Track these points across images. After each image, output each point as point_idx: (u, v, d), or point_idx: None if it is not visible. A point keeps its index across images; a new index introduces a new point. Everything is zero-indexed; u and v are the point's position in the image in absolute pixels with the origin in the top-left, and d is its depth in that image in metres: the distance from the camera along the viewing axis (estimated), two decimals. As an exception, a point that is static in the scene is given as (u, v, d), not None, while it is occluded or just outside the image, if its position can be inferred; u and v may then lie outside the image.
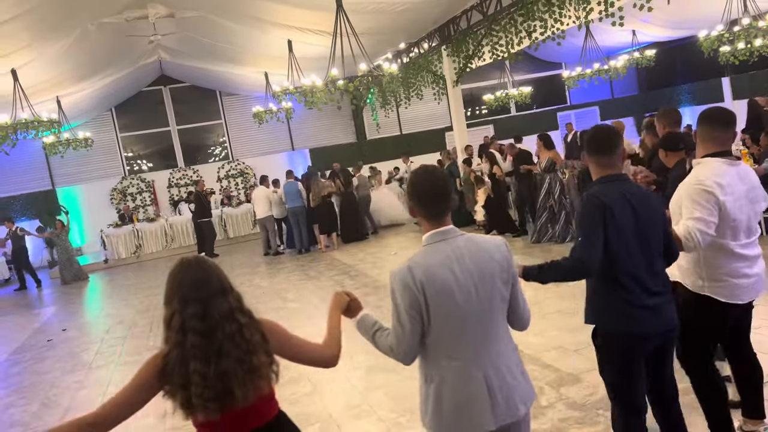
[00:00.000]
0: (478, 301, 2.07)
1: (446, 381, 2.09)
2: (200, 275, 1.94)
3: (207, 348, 1.87)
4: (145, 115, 17.95)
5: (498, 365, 2.12)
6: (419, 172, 2.21)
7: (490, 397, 2.07)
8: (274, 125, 16.64)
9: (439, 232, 2.13)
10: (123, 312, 9.33)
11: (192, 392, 1.85)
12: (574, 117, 20.16)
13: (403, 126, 19.88)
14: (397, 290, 2.06)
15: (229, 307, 1.93)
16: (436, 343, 2.08)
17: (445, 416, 2.08)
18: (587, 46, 14.51)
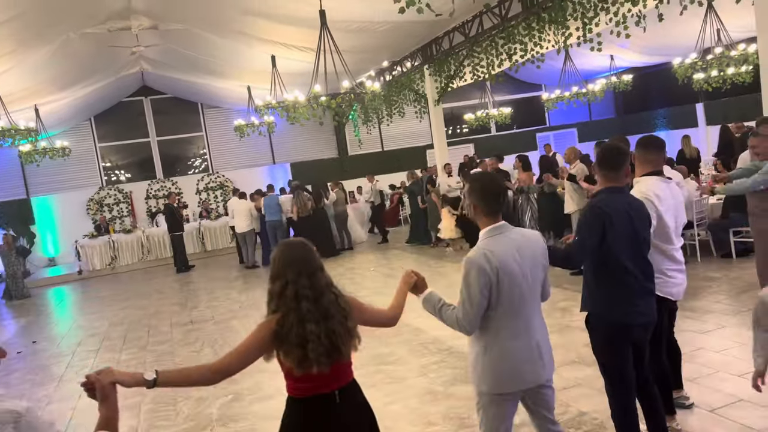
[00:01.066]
0: (531, 283, 2.57)
1: (505, 348, 2.55)
2: (306, 253, 2.35)
3: (317, 312, 2.25)
4: (124, 125, 17.81)
5: (542, 333, 2.65)
6: (484, 175, 2.78)
7: (540, 359, 2.60)
8: (256, 139, 16.64)
9: (497, 226, 2.60)
10: (96, 324, 9.19)
11: (309, 348, 2.19)
12: (553, 138, 20.47)
13: (384, 143, 19.99)
14: (473, 272, 2.49)
15: (327, 281, 2.34)
16: (498, 317, 2.54)
17: (504, 375, 2.55)
18: (566, 69, 14.81)
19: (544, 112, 21.27)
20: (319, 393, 2.30)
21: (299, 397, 2.33)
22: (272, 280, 2.32)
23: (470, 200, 2.63)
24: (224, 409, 5.06)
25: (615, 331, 3.03)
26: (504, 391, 2.58)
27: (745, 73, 12.61)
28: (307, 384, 2.29)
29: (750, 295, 6.05)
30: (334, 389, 2.33)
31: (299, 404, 2.33)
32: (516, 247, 2.55)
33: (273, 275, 2.33)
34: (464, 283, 2.52)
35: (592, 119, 22.27)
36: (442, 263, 10.42)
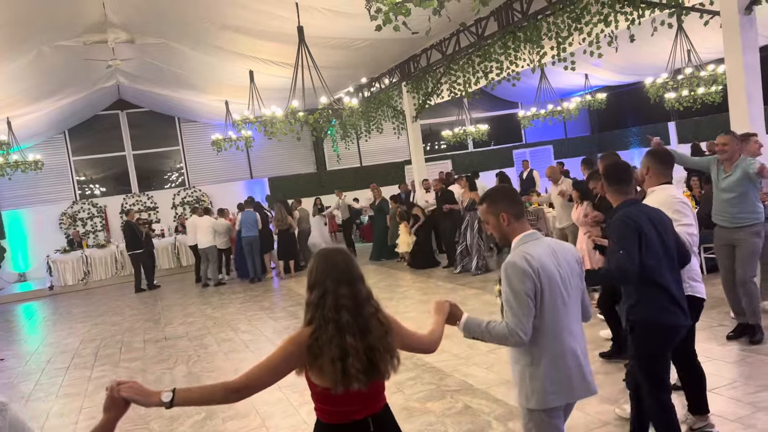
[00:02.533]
0: (570, 289, 2.52)
1: (554, 358, 2.46)
2: (348, 261, 2.18)
3: (356, 325, 2.08)
4: (99, 139, 17.60)
5: (583, 344, 2.58)
6: (503, 187, 2.82)
7: (587, 368, 2.55)
8: (233, 153, 16.57)
9: (530, 233, 2.59)
10: (67, 341, 9.00)
11: (348, 363, 2.02)
12: (529, 155, 20.73)
13: (363, 158, 20.05)
14: (515, 277, 2.42)
15: (367, 292, 2.17)
16: (543, 325, 2.45)
17: (556, 388, 2.46)
18: (542, 88, 15.05)
19: (521, 130, 21.53)
20: (352, 420, 2.13)
21: (331, 423, 2.16)
22: (309, 289, 2.18)
23: (499, 211, 2.60)
24: (197, 428, 4.97)
25: (664, 335, 3.17)
26: (555, 405, 2.50)
27: (714, 92, 12.94)
28: (338, 407, 2.12)
29: (719, 310, 6.16)
30: (367, 415, 2.16)
31: (328, 429, 2.17)
32: (552, 252, 2.53)
33: (310, 284, 2.18)
34: (509, 290, 2.44)
35: (567, 137, 22.61)
36: (399, 273, 10.44)
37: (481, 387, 4.99)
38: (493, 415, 4.40)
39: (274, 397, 5.42)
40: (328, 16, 8.73)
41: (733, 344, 5.19)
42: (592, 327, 6.18)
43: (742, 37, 6.44)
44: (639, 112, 20.41)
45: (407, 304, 8.48)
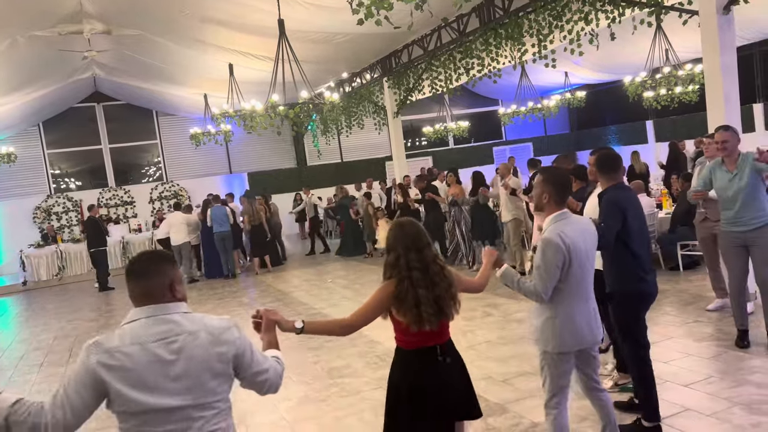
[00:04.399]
0: (589, 260, 3.07)
1: (569, 314, 3.02)
2: (416, 232, 2.76)
3: (425, 280, 2.67)
4: (75, 131, 17.29)
5: (594, 305, 3.16)
6: (554, 169, 3.36)
7: (595, 322, 3.13)
8: (212, 148, 16.39)
9: (562, 212, 3.08)
10: (41, 337, 8.82)
11: (422, 310, 2.63)
12: (509, 152, 20.85)
13: (344, 153, 19.98)
14: (550, 251, 2.94)
15: (433, 255, 2.76)
16: (565, 288, 3.01)
17: (569, 337, 3.03)
18: (522, 85, 15.11)
19: (501, 127, 21.64)
20: (424, 346, 2.74)
21: (407, 349, 2.77)
22: (387, 252, 2.78)
23: (542, 189, 3.10)
24: (173, 425, 4.89)
25: (639, 300, 3.68)
26: (566, 350, 3.05)
27: (691, 92, 13.11)
28: (415, 338, 2.72)
29: (696, 306, 6.24)
30: (436, 344, 2.76)
31: (408, 354, 2.77)
32: (580, 230, 3.06)
33: (388, 248, 2.78)
34: (542, 259, 2.97)
35: (547, 134, 22.78)
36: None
37: (461, 383, 4.98)
38: (473, 411, 4.39)
39: (253, 394, 5.35)
40: (310, 9, 8.65)
41: (710, 341, 5.25)
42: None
43: (719, 37, 6.50)
44: (617, 110, 20.62)
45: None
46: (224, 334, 1.99)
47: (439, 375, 2.73)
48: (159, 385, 1.85)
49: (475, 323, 6.55)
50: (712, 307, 6.03)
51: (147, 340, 1.87)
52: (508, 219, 9.18)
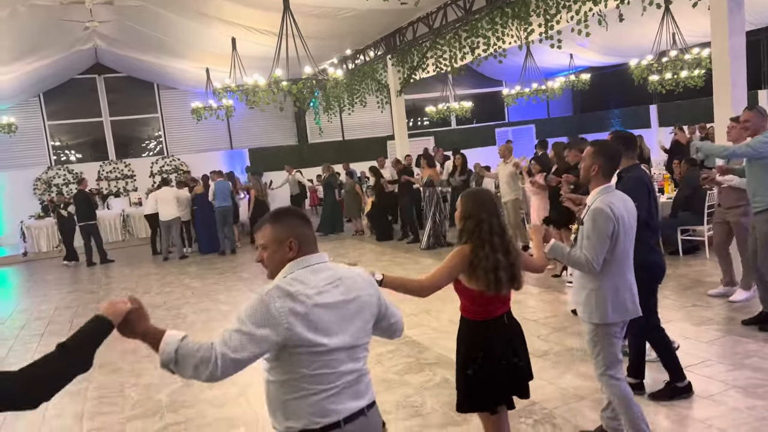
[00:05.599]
0: (632, 233, 3.17)
1: (615, 285, 3.11)
2: (493, 199, 2.85)
3: (503, 246, 2.74)
4: (76, 103, 17.17)
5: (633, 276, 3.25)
6: (606, 142, 3.46)
7: (634, 298, 3.20)
8: (213, 123, 16.30)
9: (608, 186, 3.17)
10: (41, 308, 8.86)
11: (500, 274, 2.69)
12: (512, 134, 20.76)
13: (345, 132, 19.88)
14: (601, 220, 3.03)
15: (505, 223, 2.85)
16: (611, 260, 3.08)
17: (614, 308, 3.11)
18: (527, 66, 14.99)
19: (504, 108, 21.52)
20: (492, 317, 2.82)
21: (475, 320, 2.84)
22: (465, 218, 2.80)
23: (593, 161, 3.16)
24: (174, 396, 4.95)
25: (653, 271, 3.78)
26: (613, 321, 3.13)
27: (697, 77, 13.01)
28: (483, 308, 2.80)
29: (695, 291, 6.26)
30: (503, 313, 2.85)
31: (476, 324, 2.84)
32: (624, 203, 3.14)
33: (466, 215, 2.80)
34: (593, 230, 3.04)
35: (550, 116, 22.65)
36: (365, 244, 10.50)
37: (459, 361, 5.02)
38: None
39: (251, 367, 5.39)
40: (315, -17, 8.55)
41: (709, 324, 5.28)
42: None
43: (729, 20, 6.44)
44: (621, 94, 20.49)
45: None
46: (372, 281, 2.14)
47: (508, 341, 2.83)
48: (338, 327, 1.91)
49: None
50: (714, 292, 6.04)
51: (320, 284, 1.93)
52: (508, 199, 9.29)
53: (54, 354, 1.70)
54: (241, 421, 4.33)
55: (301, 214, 2.11)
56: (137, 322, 1.89)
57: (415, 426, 3.98)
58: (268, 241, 2.01)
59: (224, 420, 4.38)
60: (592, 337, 3.20)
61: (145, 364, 5.76)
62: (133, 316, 1.88)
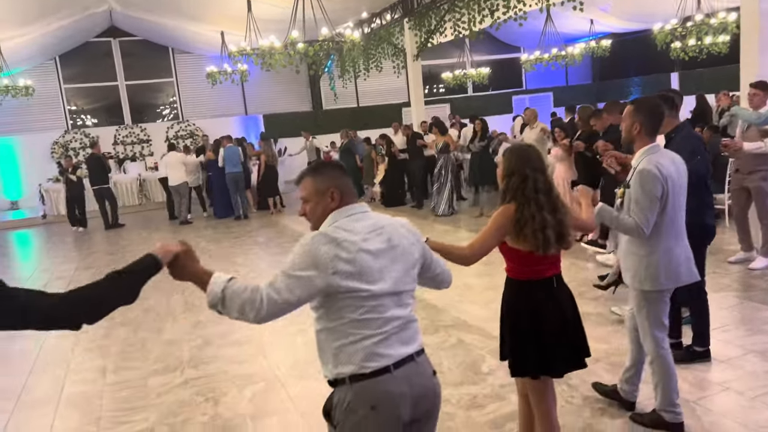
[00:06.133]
0: (682, 194, 3.04)
1: (671, 246, 3.02)
2: (538, 154, 2.67)
3: (549, 203, 2.57)
4: (91, 67, 17.15)
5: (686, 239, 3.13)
6: (645, 98, 3.28)
7: (689, 262, 3.09)
8: (228, 87, 16.22)
9: (654, 145, 3.05)
10: (62, 268, 9.01)
11: (547, 233, 2.52)
12: (529, 101, 20.46)
13: (360, 98, 19.72)
14: (649, 181, 2.91)
15: (552, 178, 2.71)
16: (661, 223, 2.97)
17: (666, 274, 3.01)
18: (546, 31, 14.69)
19: (522, 75, 21.18)
20: (541, 277, 2.66)
21: (523, 280, 2.68)
22: (508, 176, 2.63)
23: (633, 120, 3.04)
24: (194, 352, 5.04)
25: (708, 234, 3.76)
26: (665, 287, 3.04)
27: (721, 43, 12.71)
28: (531, 268, 2.64)
29: (715, 258, 6.20)
30: (553, 274, 2.68)
31: (523, 284, 2.68)
32: (672, 161, 3.01)
33: (509, 172, 2.63)
34: (641, 191, 2.93)
35: (568, 84, 22.28)
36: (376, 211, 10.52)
37: (475, 323, 5.05)
38: (488, 349, 4.46)
39: (269, 327, 5.47)
40: (332, -58, 8.38)
41: (728, 291, 5.26)
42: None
43: (760, -19, 6.24)
44: (642, 61, 20.06)
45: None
46: (415, 231, 2.12)
47: (557, 303, 2.65)
48: (381, 273, 1.92)
49: (494, 268, 6.59)
50: (734, 259, 6.01)
51: (363, 232, 1.95)
52: None
53: (102, 281, 1.75)
54: (260, 377, 4.41)
55: (339, 164, 2.13)
56: (187, 264, 1.97)
57: (432, 384, 4.03)
58: (310, 194, 2.03)
59: (244, 376, 4.46)
60: (639, 302, 3.11)
61: (166, 322, 5.86)
62: (183, 258, 1.96)
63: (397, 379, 1.92)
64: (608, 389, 3.55)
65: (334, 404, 1.96)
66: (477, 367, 4.22)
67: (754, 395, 3.45)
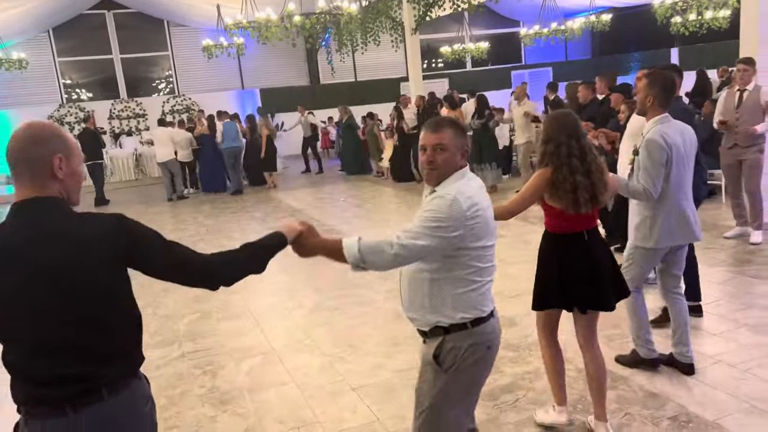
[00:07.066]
0: (689, 162, 3.32)
1: (675, 210, 3.29)
2: (575, 122, 2.87)
3: (582, 167, 2.78)
4: (86, 40, 16.94)
5: (693, 204, 3.42)
6: (659, 72, 3.51)
7: (694, 223, 3.39)
8: (224, 61, 16.05)
9: (664, 116, 3.28)
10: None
11: (579, 194, 2.76)
12: (528, 76, 20.31)
13: (358, 73, 19.55)
14: (655, 150, 3.18)
15: (589, 145, 2.88)
16: (670, 186, 3.25)
17: (666, 234, 3.31)
18: (546, 5, 14.53)
19: (521, 50, 20.99)
20: (574, 231, 2.91)
21: (558, 233, 2.96)
22: (546, 142, 2.87)
23: (650, 92, 3.28)
24: (191, 326, 5.07)
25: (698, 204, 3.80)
26: (659, 246, 3.35)
27: (722, 18, 12.59)
28: (566, 223, 2.89)
29: (710, 234, 6.24)
30: (584, 229, 2.91)
31: (558, 237, 2.96)
32: (680, 131, 3.27)
33: (547, 139, 2.87)
34: (648, 159, 3.20)
35: (567, 59, 22.10)
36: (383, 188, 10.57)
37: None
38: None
39: (267, 302, 5.51)
40: None
41: (721, 266, 5.29)
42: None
43: (762, -47, 6.14)
44: (642, 36, 19.89)
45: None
46: None
47: (588, 251, 2.92)
48: (493, 227, 2.17)
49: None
50: (730, 234, 6.03)
51: (480, 192, 2.15)
52: (520, 142, 9.50)
53: (240, 250, 1.91)
54: (257, 350, 4.44)
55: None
56: (310, 240, 2.11)
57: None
58: (450, 143, 2.13)
59: (241, 349, 4.50)
60: (631, 255, 3.45)
61: (161, 297, 5.88)
62: (307, 235, 2.10)
63: (496, 320, 2.22)
64: (665, 357, 3.58)
65: (447, 349, 2.12)
66: (472, 340, 4.26)
67: (745, 368, 3.50)
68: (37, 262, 1.59)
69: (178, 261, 1.78)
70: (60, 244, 1.62)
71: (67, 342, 1.62)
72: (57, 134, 1.71)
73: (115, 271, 1.69)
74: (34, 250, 1.59)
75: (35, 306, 1.60)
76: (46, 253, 1.60)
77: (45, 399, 1.63)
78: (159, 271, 1.79)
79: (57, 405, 1.62)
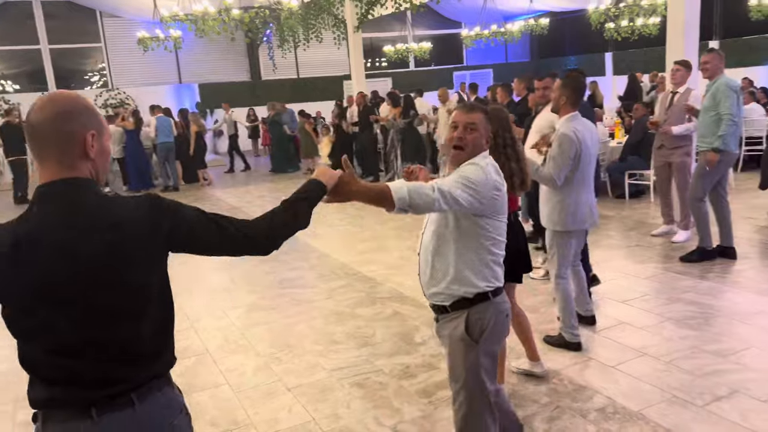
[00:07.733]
0: (593, 156, 3.71)
1: (578, 197, 3.67)
2: (507, 115, 3.13)
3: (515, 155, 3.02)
4: (11, 29, 16.05)
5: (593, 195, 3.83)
6: (572, 77, 3.84)
7: (595, 208, 3.82)
8: (161, 55, 15.57)
9: (575, 114, 3.67)
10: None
11: (513, 179, 2.97)
12: (469, 77, 20.61)
13: (300, 69, 19.34)
14: (566, 143, 3.55)
15: (515, 135, 3.11)
16: (574, 177, 3.62)
17: (573, 218, 3.69)
18: (486, 7, 14.79)
19: (462, 51, 21.26)
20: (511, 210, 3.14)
21: None
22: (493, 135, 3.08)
23: (561, 93, 3.68)
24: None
25: None
26: (573, 228, 3.73)
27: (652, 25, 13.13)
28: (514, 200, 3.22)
29: (638, 232, 6.49)
30: (513, 211, 3.22)
31: None
32: (589, 129, 3.69)
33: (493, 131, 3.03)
34: (558, 150, 3.56)
35: (507, 61, 22.57)
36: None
37: (409, 294, 5.10)
38: (421, 320, 4.51)
39: (201, 302, 5.36)
40: None
41: (649, 262, 5.50)
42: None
43: (687, -36, 6.42)
44: (578, 40, 20.54)
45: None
46: None
47: (514, 234, 3.14)
48: (506, 207, 2.36)
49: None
50: (657, 232, 6.27)
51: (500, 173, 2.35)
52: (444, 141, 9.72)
53: (280, 209, 1.76)
54: (191, 352, 4.31)
55: None
56: (352, 187, 2.01)
57: (365, 354, 4.05)
58: (481, 125, 2.32)
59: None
60: (551, 242, 3.82)
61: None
62: (348, 178, 2.00)
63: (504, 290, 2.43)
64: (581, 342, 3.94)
65: (474, 321, 2.30)
66: (410, 337, 4.27)
67: (669, 359, 3.64)
68: (70, 253, 1.41)
69: (231, 234, 1.63)
70: (95, 231, 1.44)
71: (104, 339, 1.46)
72: (88, 108, 1.53)
73: (155, 258, 1.53)
74: (66, 238, 1.42)
75: (65, 300, 1.42)
76: (79, 242, 1.42)
77: (69, 401, 1.47)
78: (213, 249, 1.64)
79: (82, 408, 1.46)
